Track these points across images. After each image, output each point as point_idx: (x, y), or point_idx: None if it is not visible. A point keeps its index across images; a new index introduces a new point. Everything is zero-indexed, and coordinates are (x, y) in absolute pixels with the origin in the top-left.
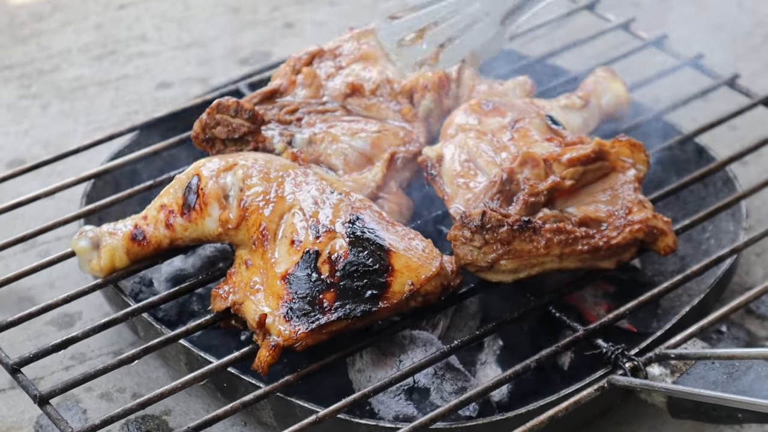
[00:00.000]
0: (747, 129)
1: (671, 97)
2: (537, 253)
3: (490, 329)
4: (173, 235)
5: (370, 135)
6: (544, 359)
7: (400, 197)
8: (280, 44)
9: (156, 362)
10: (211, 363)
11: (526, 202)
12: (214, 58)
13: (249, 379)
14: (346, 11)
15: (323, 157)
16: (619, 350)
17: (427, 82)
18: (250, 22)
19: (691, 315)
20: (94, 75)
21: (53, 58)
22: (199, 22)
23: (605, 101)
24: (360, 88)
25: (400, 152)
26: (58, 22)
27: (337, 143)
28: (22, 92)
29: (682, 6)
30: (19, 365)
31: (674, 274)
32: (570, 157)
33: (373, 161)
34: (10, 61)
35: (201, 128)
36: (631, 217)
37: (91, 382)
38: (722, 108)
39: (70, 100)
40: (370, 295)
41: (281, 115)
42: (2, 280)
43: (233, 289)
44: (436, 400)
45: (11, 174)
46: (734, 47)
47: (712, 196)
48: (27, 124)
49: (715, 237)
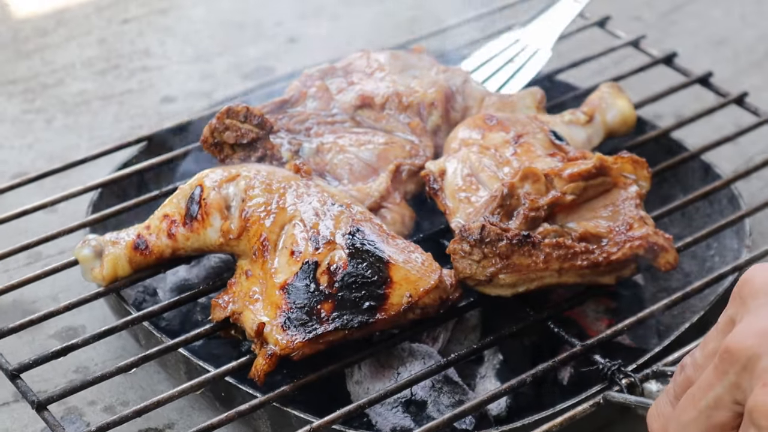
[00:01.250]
0: (749, 143)
1: (675, 112)
2: (536, 267)
3: (488, 343)
4: (175, 244)
5: (376, 147)
6: (540, 374)
7: (403, 208)
8: (283, 59)
9: (160, 375)
10: (208, 372)
11: (526, 216)
12: (217, 73)
13: (246, 389)
14: (348, 26)
15: (329, 167)
16: (616, 366)
17: (434, 99)
18: (253, 37)
19: (690, 332)
20: (97, 89)
21: (57, 72)
22: (202, 36)
23: (610, 117)
24: (370, 101)
25: (405, 164)
26: (62, 37)
27: (344, 153)
28: (26, 106)
29: (685, 20)
30: (19, 371)
31: (677, 291)
32: (571, 173)
33: (378, 172)
34: (14, 75)
35: (210, 132)
36: (631, 233)
37: (95, 396)
38: (722, 121)
39: (74, 115)
40: (367, 307)
41: (290, 124)
42: (4, 288)
43: (233, 298)
44: (433, 413)
45: (18, 183)
46: (737, 62)
47: (717, 213)
48: (31, 138)
49: (720, 254)
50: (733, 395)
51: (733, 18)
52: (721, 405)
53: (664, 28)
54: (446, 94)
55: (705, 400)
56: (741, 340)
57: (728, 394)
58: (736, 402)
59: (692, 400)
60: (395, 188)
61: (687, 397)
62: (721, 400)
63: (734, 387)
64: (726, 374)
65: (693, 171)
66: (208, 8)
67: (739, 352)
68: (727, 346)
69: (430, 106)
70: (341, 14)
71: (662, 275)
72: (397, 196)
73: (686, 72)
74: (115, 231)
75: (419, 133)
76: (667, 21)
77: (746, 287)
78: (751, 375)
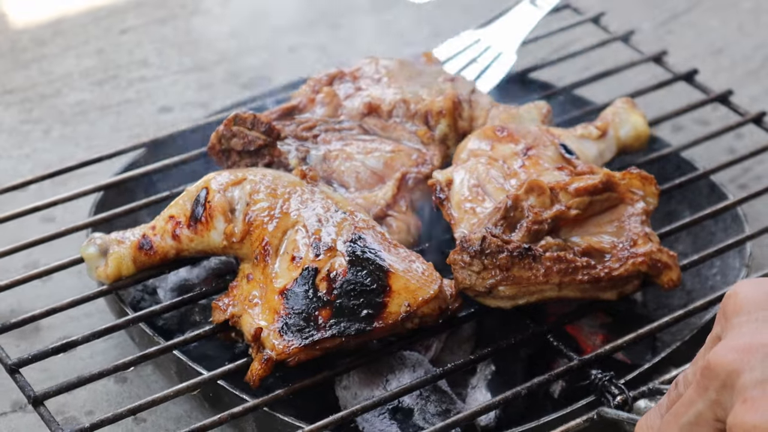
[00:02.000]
0: (752, 159)
1: (677, 123)
2: (536, 280)
3: (485, 355)
4: (179, 246)
5: (383, 155)
6: (536, 387)
7: (409, 216)
8: (281, 69)
9: (157, 385)
10: (201, 374)
11: (529, 229)
12: (215, 83)
13: (235, 391)
14: (346, 36)
15: (336, 174)
16: (607, 378)
17: (442, 108)
18: (251, 47)
19: (682, 349)
20: (95, 99)
21: (55, 82)
22: (200, 46)
23: (623, 132)
24: (377, 108)
25: (412, 173)
26: (60, 47)
27: (351, 161)
28: (24, 116)
29: (682, 30)
30: (18, 365)
31: (678, 309)
32: (577, 187)
33: (384, 180)
34: (11, 85)
35: (217, 139)
36: (635, 250)
37: (93, 405)
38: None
39: (72, 125)
40: (365, 314)
41: (298, 131)
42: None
43: (233, 302)
44: (419, 421)
45: (12, 186)
46: (734, 71)
47: (721, 231)
48: (29, 149)
49: (722, 273)
50: (714, 412)
51: (730, 28)
52: (702, 422)
53: (661, 37)
54: (454, 103)
55: (686, 416)
56: (721, 356)
57: (709, 410)
58: (717, 419)
59: (675, 416)
60: (401, 196)
61: (670, 413)
62: (701, 417)
63: (715, 404)
64: (707, 390)
65: (699, 187)
66: (205, 18)
67: (719, 367)
68: (707, 362)
69: (438, 115)
70: (340, 24)
71: (663, 292)
72: (403, 205)
73: (705, 89)
74: (121, 230)
75: (426, 141)
76: (663, 30)
77: (730, 304)
78: (732, 391)
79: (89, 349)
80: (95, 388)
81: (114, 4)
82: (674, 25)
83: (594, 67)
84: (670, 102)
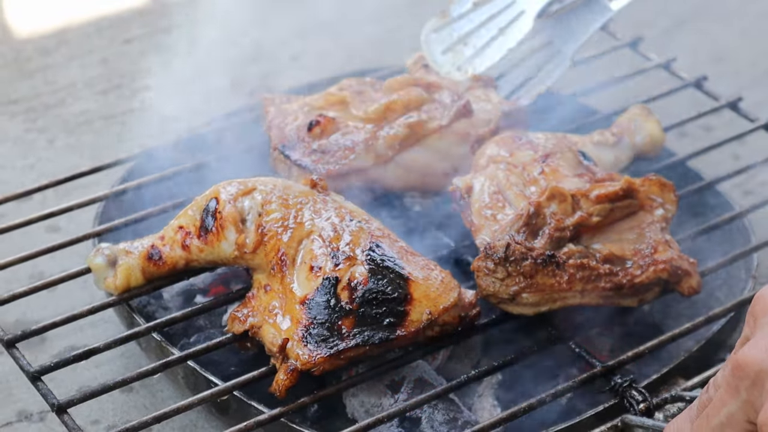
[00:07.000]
0: (747, 153)
1: (694, 132)
2: (559, 287)
3: (499, 366)
4: (189, 256)
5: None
6: (560, 393)
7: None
8: (284, 77)
9: (163, 394)
10: (213, 381)
11: (551, 236)
12: (219, 91)
13: (251, 402)
14: (348, 43)
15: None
16: (627, 383)
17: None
18: (254, 55)
19: (690, 359)
20: (100, 109)
21: (59, 92)
22: (203, 55)
23: (639, 139)
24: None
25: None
26: (64, 57)
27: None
28: (29, 126)
29: (686, 36)
30: (40, 373)
31: (681, 317)
32: (598, 194)
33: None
34: (16, 95)
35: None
36: (656, 257)
37: (99, 415)
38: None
39: (76, 134)
40: (388, 323)
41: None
42: (6, 297)
43: (252, 312)
44: (426, 429)
45: (16, 195)
46: (738, 78)
47: (727, 242)
48: (33, 158)
49: (727, 284)
50: (746, 413)
51: (733, 34)
52: (734, 422)
53: (665, 44)
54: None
55: (718, 417)
56: (750, 356)
57: (741, 411)
58: (749, 420)
59: (706, 418)
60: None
61: (702, 416)
62: (733, 417)
63: (746, 404)
64: (738, 390)
65: (704, 196)
66: (209, 27)
67: (748, 367)
68: (737, 362)
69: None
70: (342, 32)
71: (667, 300)
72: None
73: (714, 96)
74: (129, 241)
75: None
76: (667, 37)
77: (758, 305)
78: (762, 390)
79: (95, 357)
80: (100, 397)
81: (118, 13)
82: (678, 31)
83: (597, 73)
84: (676, 108)
